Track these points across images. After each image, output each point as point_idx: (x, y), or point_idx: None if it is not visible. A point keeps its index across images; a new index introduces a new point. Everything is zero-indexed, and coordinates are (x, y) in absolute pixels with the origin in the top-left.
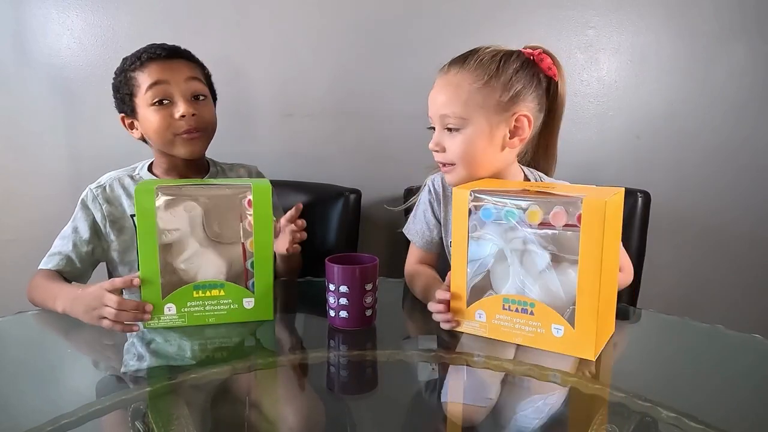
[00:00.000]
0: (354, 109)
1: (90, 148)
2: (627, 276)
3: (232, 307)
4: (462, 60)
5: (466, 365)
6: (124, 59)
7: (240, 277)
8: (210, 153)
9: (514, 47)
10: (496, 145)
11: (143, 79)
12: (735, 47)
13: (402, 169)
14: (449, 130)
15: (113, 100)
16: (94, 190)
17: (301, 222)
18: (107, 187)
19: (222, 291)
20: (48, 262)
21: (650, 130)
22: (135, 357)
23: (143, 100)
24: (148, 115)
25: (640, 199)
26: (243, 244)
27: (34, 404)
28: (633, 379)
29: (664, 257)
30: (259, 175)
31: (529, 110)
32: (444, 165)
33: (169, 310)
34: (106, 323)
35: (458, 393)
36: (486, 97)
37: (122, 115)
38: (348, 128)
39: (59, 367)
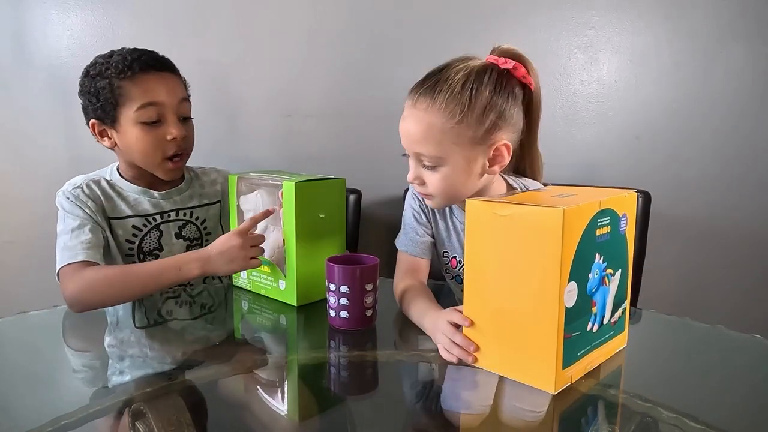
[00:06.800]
0: (354, 109)
1: (89, 150)
2: None
3: (272, 285)
4: (431, 92)
5: (466, 365)
6: (103, 61)
7: (282, 259)
8: (209, 153)
9: (516, 47)
10: (475, 175)
11: (136, 93)
12: (734, 47)
13: (402, 169)
14: (425, 166)
15: (81, 100)
16: (73, 191)
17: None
18: (84, 187)
19: (267, 269)
20: (74, 256)
21: (650, 130)
22: (135, 357)
23: (131, 115)
24: (135, 133)
25: (640, 199)
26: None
27: (34, 405)
28: (633, 379)
29: (664, 257)
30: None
31: (507, 137)
32: (424, 194)
33: (243, 275)
34: (255, 262)
35: (458, 393)
36: (459, 134)
37: (95, 121)
38: (348, 128)
39: (59, 368)
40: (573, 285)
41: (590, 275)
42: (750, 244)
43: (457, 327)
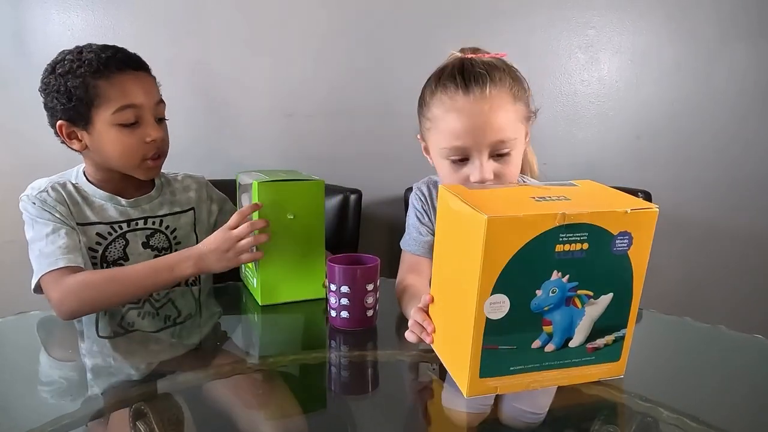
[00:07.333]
0: (354, 109)
1: None
2: None
3: (251, 281)
4: (491, 77)
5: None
6: (73, 58)
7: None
8: (210, 153)
9: (514, 48)
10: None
11: (113, 94)
12: (736, 47)
13: (402, 169)
14: (498, 156)
15: (44, 97)
16: (39, 196)
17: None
18: (50, 191)
19: (252, 264)
20: (54, 263)
21: (651, 130)
22: (136, 357)
23: (108, 117)
24: (112, 135)
25: (640, 198)
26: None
27: (35, 405)
28: (634, 380)
29: (664, 257)
30: (208, 186)
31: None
32: None
33: (242, 267)
34: (246, 257)
35: (458, 394)
36: (523, 112)
37: (64, 122)
38: (348, 128)
39: (59, 368)
40: (501, 297)
41: (538, 292)
42: (751, 244)
43: (427, 310)
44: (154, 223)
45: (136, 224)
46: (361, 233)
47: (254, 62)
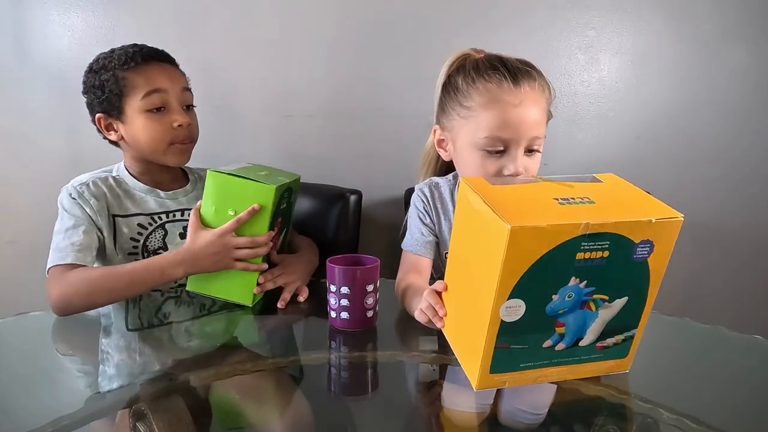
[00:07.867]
0: (354, 109)
1: (90, 151)
2: None
3: None
4: (534, 73)
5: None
6: (106, 56)
7: None
8: (209, 153)
9: (516, 48)
10: None
11: (140, 82)
12: (737, 47)
13: (403, 170)
14: (529, 151)
15: (86, 97)
16: (78, 188)
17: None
18: (90, 185)
19: None
20: (63, 257)
21: (651, 131)
22: (135, 357)
23: (137, 104)
24: (142, 122)
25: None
26: None
27: (35, 406)
28: (634, 381)
29: None
30: None
31: None
32: None
33: None
34: (240, 265)
35: (459, 394)
36: (548, 111)
37: (101, 114)
38: (348, 128)
39: (59, 369)
40: (518, 302)
41: (555, 296)
42: (750, 244)
43: (440, 295)
44: (190, 215)
45: (174, 216)
46: (361, 234)
47: (254, 62)
